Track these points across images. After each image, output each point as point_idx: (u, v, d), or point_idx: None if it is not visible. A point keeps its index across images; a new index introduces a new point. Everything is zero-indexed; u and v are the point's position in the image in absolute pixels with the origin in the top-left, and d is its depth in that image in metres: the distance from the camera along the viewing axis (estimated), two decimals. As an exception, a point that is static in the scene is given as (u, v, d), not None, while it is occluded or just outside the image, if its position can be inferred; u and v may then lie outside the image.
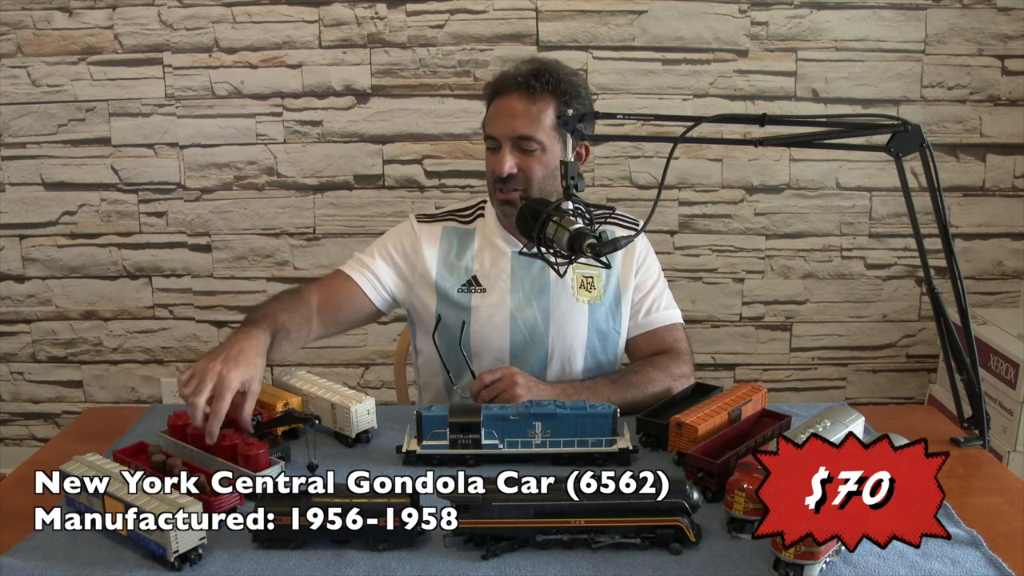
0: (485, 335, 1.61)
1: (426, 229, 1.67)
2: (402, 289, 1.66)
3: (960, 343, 1.39)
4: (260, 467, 1.18)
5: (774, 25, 2.60)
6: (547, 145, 1.53)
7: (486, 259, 1.63)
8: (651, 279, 1.68)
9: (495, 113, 1.56)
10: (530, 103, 1.52)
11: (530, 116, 1.52)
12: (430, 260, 1.63)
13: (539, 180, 1.54)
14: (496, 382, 1.45)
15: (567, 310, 1.62)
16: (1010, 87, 2.65)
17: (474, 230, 1.67)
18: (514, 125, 1.52)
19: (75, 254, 2.78)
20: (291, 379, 1.46)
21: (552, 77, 1.53)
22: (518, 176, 1.54)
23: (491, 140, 1.56)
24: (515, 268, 1.62)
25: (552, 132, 1.53)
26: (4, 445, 2.96)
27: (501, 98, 1.55)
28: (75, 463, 1.13)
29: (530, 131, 1.52)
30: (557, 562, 1.03)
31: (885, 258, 2.79)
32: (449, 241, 1.65)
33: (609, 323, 1.64)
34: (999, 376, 2.43)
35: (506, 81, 1.55)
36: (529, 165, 1.53)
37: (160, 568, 1.02)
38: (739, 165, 2.70)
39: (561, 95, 1.53)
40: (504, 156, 1.52)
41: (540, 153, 1.53)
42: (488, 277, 1.62)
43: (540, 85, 1.52)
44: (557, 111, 1.51)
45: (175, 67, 2.64)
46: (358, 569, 1.02)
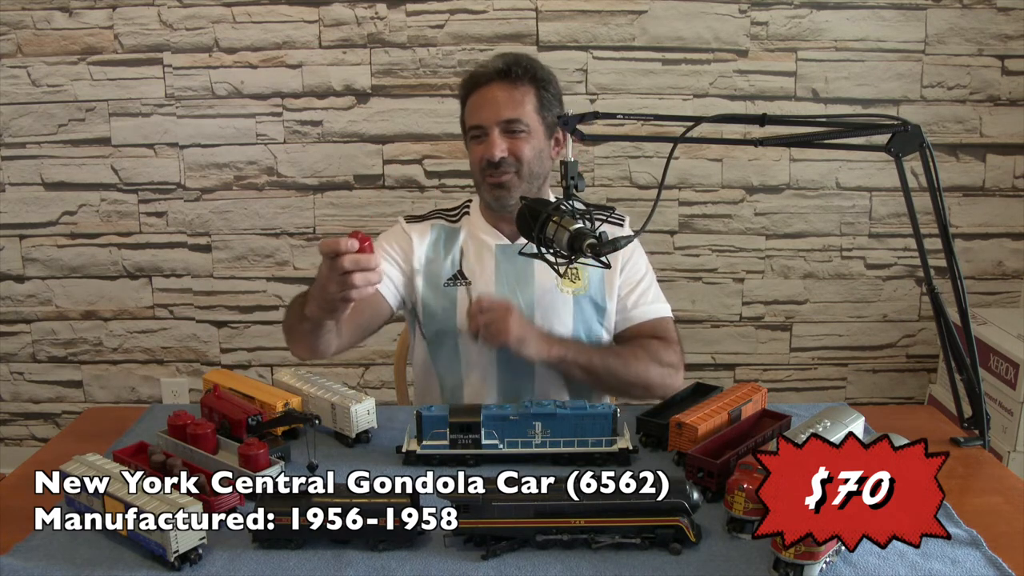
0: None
1: (415, 228, 1.71)
2: (406, 286, 1.69)
3: (960, 343, 1.39)
4: (260, 467, 1.18)
5: (774, 25, 2.60)
6: (532, 128, 1.58)
7: (471, 253, 1.67)
8: (638, 275, 1.69)
9: (477, 104, 1.60)
10: (512, 89, 1.57)
11: (514, 101, 1.57)
12: (420, 257, 1.67)
13: (529, 161, 1.58)
14: (492, 310, 1.46)
15: (552, 301, 1.64)
16: (1010, 87, 2.65)
17: (460, 228, 1.70)
18: (500, 111, 1.56)
19: (75, 254, 2.79)
20: (291, 379, 1.46)
21: (528, 65, 1.59)
22: (509, 159, 1.57)
23: (476, 129, 1.60)
24: (499, 260, 1.65)
25: (535, 115, 1.59)
26: (4, 445, 2.96)
27: (481, 90, 1.59)
28: (75, 463, 1.13)
29: (517, 114, 1.56)
30: (557, 562, 1.03)
31: (885, 258, 2.78)
32: (437, 237, 1.69)
33: (594, 314, 1.66)
34: (999, 376, 2.43)
35: (482, 74, 1.60)
36: (519, 147, 1.57)
37: (160, 568, 1.02)
38: (739, 165, 2.70)
39: (539, 81, 1.59)
40: (494, 140, 1.56)
41: (527, 135, 1.58)
42: (473, 271, 1.65)
43: (518, 72, 1.57)
44: (537, 96, 1.58)
45: (175, 67, 2.64)
46: (358, 569, 1.02)
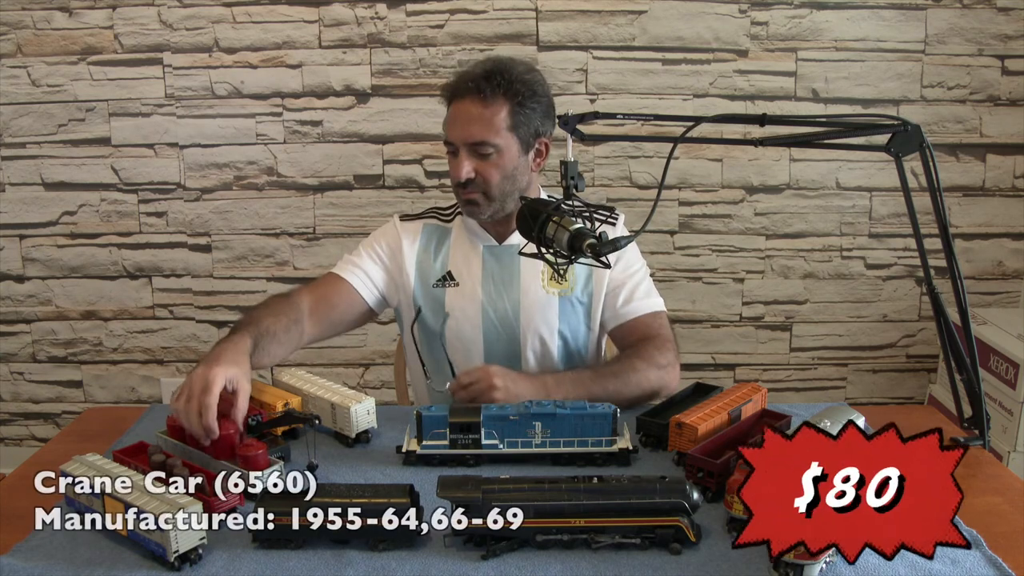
0: (459, 328, 1.64)
1: (408, 227, 1.70)
2: (390, 287, 1.69)
3: (960, 343, 1.39)
4: (260, 467, 1.18)
5: (774, 25, 2.60)
6: (503, 147, 1.54)
7: (459, 254, 1.67)
8: (628, 270, 1.67)
9: (451, 118, 1.57)
10: (483, 107, 1.53)
11: (484, 120, 1.53)
12: (409, 257, 1.67)
13: (497, 183, 1.56)
14: (473, 384, 1.44)
15: (536, 300, 1.63)
16: (1010, 87, 2.65)
17: (452, 228, 1.70)
18: (469, 131, 1.53)
19: (75, 254, 2.78)
20: (291, 379, 1.46)
21: (504, 79, 1.53)
22: (476, 180, 1.55)
23: (449, 145, 1.58)
24: (486, 260, 1.65)
25: (508, 134, 1.54)
26: (4, 445, 2.96)
27: (456, 102, 1.56)
28: (75, 463, 1.13)
29: (484, 136, 1.53)
30: (557, 562, 1.03)
31: (885, 258, 2.78)
32: (428, 238, 1.69)
33: (580, 315, 1.65)
34: (999, 376, 2.43)
35: (460, 85, 1.56)
36: (486, 169, 1.55)
37: (160, 568, 1.02)
38: (739, 165, 2.70)
39: (514, 96, 1.53)
40: (461, 162, 1.54)
41: (496, 157, 1.54)
42: (461, 271, 1.65)
43: (491, 88, 1.52)
44: (511, 112, 1.53)
45: (175, 67, 2.64)
46: (358, 569, 1.02)
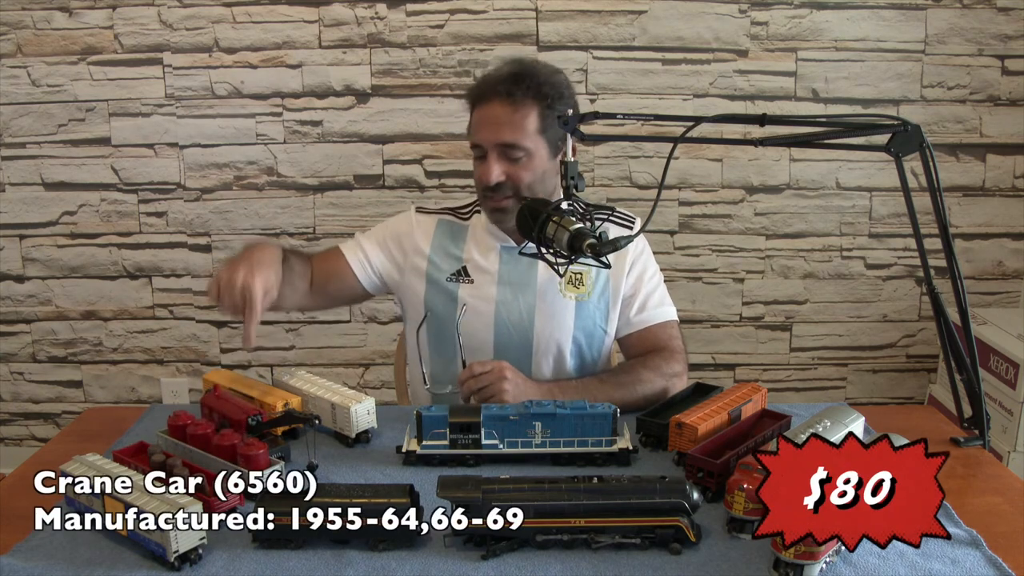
0: (471, 326, 1.62)
1: (424, 219, 1.70)
2: (392, 275, 1.69)
3: (960, 343, 1.39)
4: (260, 467, 1.18)
5: (774, 25, 2.60)
6: (533, 151, 1.53)
7: (476, 252, 1.65)
8: (645, 277, 1.67)
9: (478, 121, 1.56)
10: (513, 110, 1.51)
11: (513, 124, 1.51)
12: (423, 247, 1.66)
13: (527, 186, 1.54)
14: (485, 374, 1.44)
15: (553, 305, 1.62)
16: (1010, 87, 2.65)
17: (468, 225, 1.69)
18: (499, 133, 1.52)
19: (75, 254, 2.79)
20: (291, 379, 1.46)
21: (533, 81, 1.52)
22: (506, 184, 1.54)
23: (477, 148, 1.56)
24: (503, 262, 1.64)
25: (537, 137, 1.53)
26: (4, 445, 2.96)
27: (483, 106, 1.54)
28: (75, 463, 1.13)
29: (515, 139, 1.51)
30: (557, 562, 1.03)
31: (885, 258, 2.78)
32: (443, 231, 1.68)
33: (596, 320, 1.65)
34: (999, 376, 2.43)
35: (487, 88, 1.54)
36: (516, 172, 1.53)
37: (160, 568, 1.02)
38: (739, 165, 2.70)
39: (543, 99, 1.52)
40: (491, 165, 1.52)
41: (527, 160, 1.53)
42: (477, 269, 1.64)
43: (520, 92, 1.51)
44: (541, 115, 1.51)
45: (175, 67, 2.64)
46: (358, 569, 1.02)
